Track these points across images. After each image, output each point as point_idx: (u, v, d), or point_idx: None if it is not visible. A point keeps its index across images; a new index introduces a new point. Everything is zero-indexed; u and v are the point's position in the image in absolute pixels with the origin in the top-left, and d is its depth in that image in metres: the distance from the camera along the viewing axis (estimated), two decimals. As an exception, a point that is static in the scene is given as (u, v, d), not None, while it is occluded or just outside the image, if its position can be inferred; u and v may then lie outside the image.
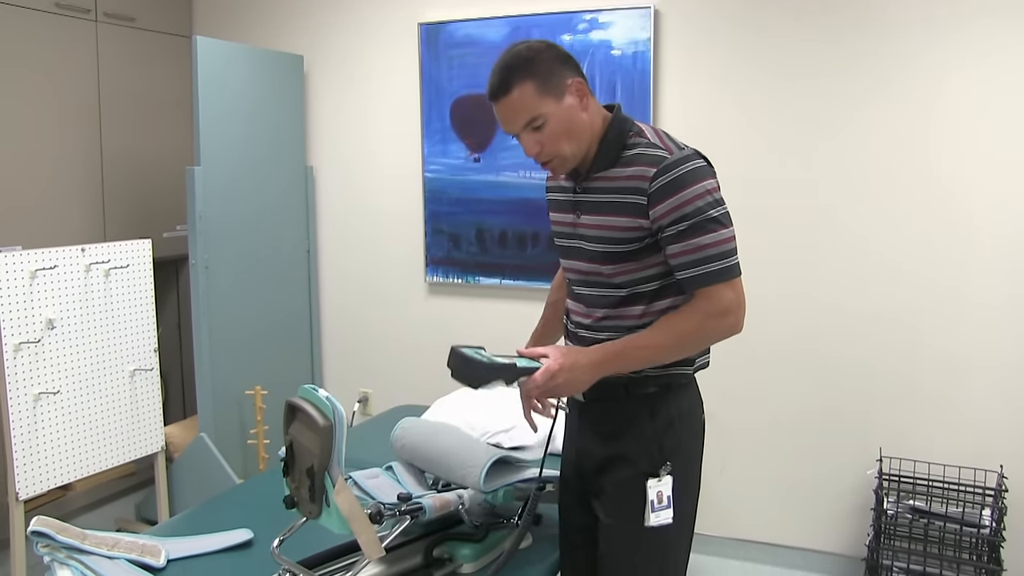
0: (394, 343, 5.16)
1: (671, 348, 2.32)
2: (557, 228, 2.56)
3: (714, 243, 2.25)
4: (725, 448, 4.41)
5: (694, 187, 2.24)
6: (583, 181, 2.42)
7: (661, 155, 2.27)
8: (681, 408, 2.45)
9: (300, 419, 2.27)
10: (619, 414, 2.44)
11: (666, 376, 2.42)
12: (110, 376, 4.13)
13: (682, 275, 2.29)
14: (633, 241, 2.32)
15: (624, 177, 2.31)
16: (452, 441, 2.92)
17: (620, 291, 2.39)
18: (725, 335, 2.33)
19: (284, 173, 5.07)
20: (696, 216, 2.23)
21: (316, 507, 2.22)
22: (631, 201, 2.29)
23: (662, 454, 2.40)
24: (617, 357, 2.32)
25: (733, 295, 2.27)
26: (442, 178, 4.88)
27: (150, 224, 5.00)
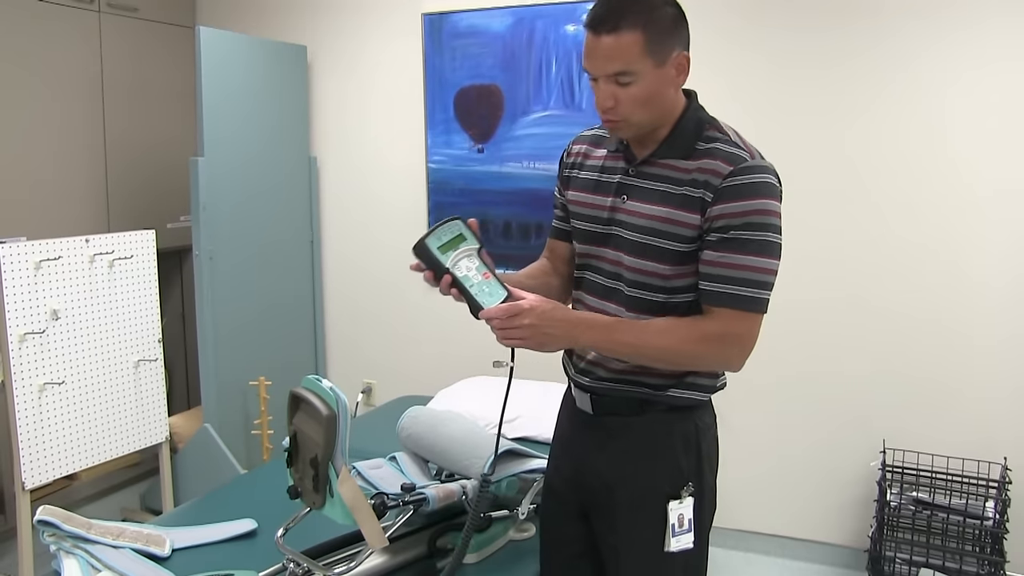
0: (398, 334, 5.18)
1: (659, 355, 2.14)
2: (581, 210, 2.34)
3: (757, 268, 2.07)
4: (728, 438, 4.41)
5: (764, 201, 2.06)
6: (640, 164, 2.22)
7: (742, 155, 2.09)
8: (700, 426, 2.29)
9: (304, 409, 2.27)
10: (635, 431, 2.28)
11: (688, 397, 2.25)
12: (114, 366, 4.15)
13: (706, 286, 2.11)
14: (690, 240, 2.12)
15: (694, 169, 2.11)
16: (456, 431, 2.93)
17: (671, 297, 2.19)
18: (719, 365, 2.22)
19: (287, 164, 5.08)
20: (752, 231, 2.05)
21: (320, 497, 2.22)
22: (696, 196, 2.09)
23: (683, 475, 2.26)
24: (599, 331, 2.13)
25: (747, 328, 2.10)
26: (446, 169, 4.89)
27: (154, 215, 5.01)
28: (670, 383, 2.24)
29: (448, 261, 2.10)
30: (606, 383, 2.30)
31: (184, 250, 5.31)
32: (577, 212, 2.36)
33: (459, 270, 2.10)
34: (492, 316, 2.05)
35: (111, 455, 4.16)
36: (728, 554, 4.44)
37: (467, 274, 2.10)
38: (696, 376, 2.26)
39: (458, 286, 2.09)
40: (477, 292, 2.09)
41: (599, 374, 2.31)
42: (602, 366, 2.30)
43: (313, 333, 5.34)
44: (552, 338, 2.07)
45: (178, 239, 5.12)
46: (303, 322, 5.27)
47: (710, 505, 2.34)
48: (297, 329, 5.23)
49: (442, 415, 3.11)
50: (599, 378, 2.31)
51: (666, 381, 2.24)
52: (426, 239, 2.10)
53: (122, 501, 4.90)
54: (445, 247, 2.11)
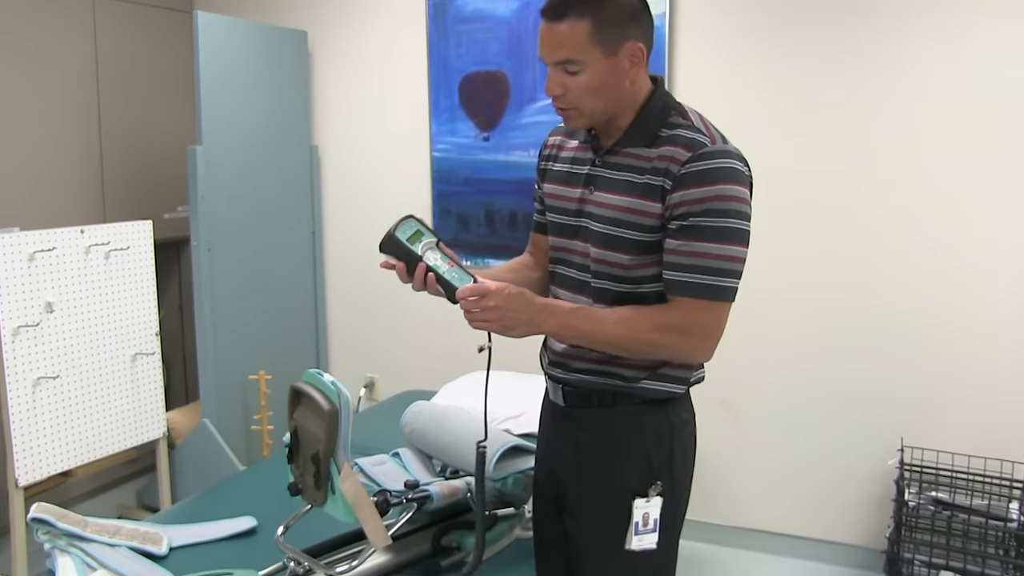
0: (401, 327, 5.17)
1: (618, 343, 2.15)
2: (553, 203, 2.36)
3: (720, 255, 2.05)
4: (741, 434, 4.41)
5: (726, 186, 2.04)
6: (605, 154, 2.23)
7: (702, 140, 2.08)
8: (673, 421, 2.27)
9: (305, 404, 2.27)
10: (604, 424, 2.28)
11: (661, 389, 2.24)
12: (111, 360, 4.15)
13: (668, 275, 2.11)
14: (654, 230, 2.12)
15: (656, 157, 2.11)
16: (461, 427, 2.92)
17: (636, 287, 2.19)
18: (683, 356, 2.20)
19: (288, 152, 5.08)
20: (714, 218, 2.04)
21: (321, 494, 2.21)
22: (657, 184, 2.09)
23: (652, 472, 2.24)
24: (560, 317, 2.14)
25: (710, 318, 2.10)
26: (450, 157, 4.89)
27: (151, 205, 5.01)
28: (643, 375, 2.24)
29: (419, 251, 2.15)
30: (578, 374, 2.31)
31: (182, 241, 5.31)
32: (551, 205, 2.38)
33: (430, 259, 2.15)
34: (464, 295, 2.08)
35: (107, 451, 4.16)
36: (738, 554, 4.43)
37: (437, 263, 2.15)
38: (670, 367, 2.25)
39: (433, 274, 2.14)
40: (450, 278, 2.14)
41: (572, 365, 2.32)
42: (574, 357, 2.31)
43: (314, 326, 5.34)
44: (518, 322, 2.10)
45: (176, 230, 5.12)
46: (304, 315, 5.27)
47: (681, 505, 2.35)
48: (298, 322, 5.23)
49: (446, 410, 3.11)
50: (571, 369, 2.32)
51: (639, 373, 2.24)
52: (396, 232, 2.15)
53: (118, 498, 4.91)
54: (411, 240, 2.16)
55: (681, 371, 2.26)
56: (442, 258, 2.16)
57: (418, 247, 2.15)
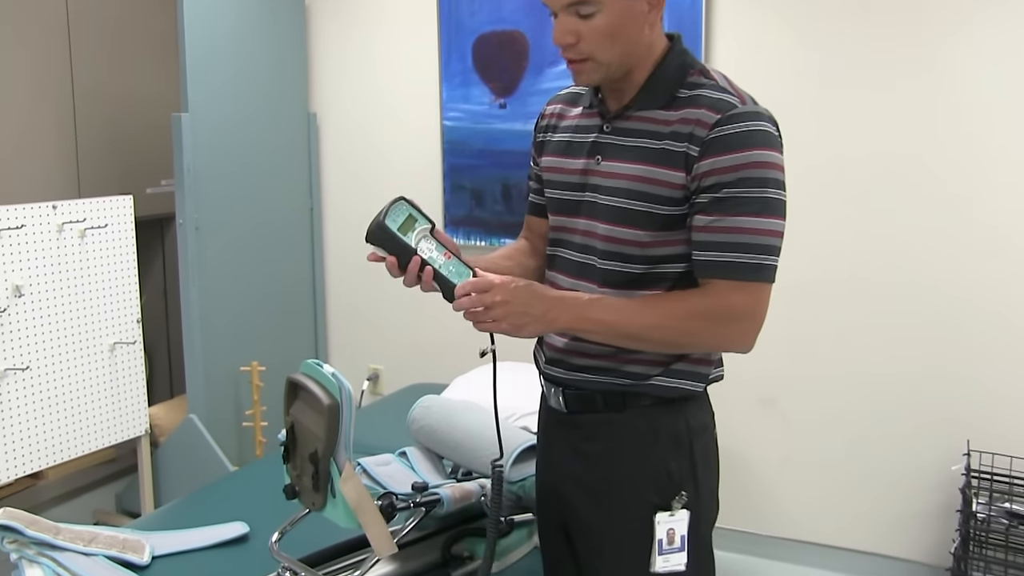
0: (408, 314, 5.17)
1: (645, 334, 2.09)
2: (552, 177, 2.32)
3: (759, 230, 2.01)
4: (787, 438, 4.40)
5: (762, 152, 2.00)
6: (615, 119, 2.19)
7: (730, 101, 2.04)
8: (692, 424, 2.22)
9: (302, 398, 2.27)
10: (614, 429, 2.23)
11: (675, 387, 2.19)
12: (87, 350, 4.16)
13: (700, 256, 2.07)
14: (676, 203, 2.07)
15: (676, 120, 2.06)
16: (474, 424, 2.93)
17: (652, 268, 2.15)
18: (720, 346, 2.16)
19: (284, 121, 5.08)
20: (750, 188, 1.99)
21: (320, 497, 2.23)
22: (679, 150, 2.04)
23: (672, 481, 2.19)
24: (577, 309, 2.09)
25: (752, 301, 2.05)
26: (463, 127, 4.88)
27: (131, 178, 5.01)
28: (655, 371, 2.18)
29: (412, 242, 2.09)
30: (579, 374, 2.25)
31: (166, 218, 5.31)
32: (550, 179, 2.34)
33: (424, 252, 2.09)
34: (463, 292, 2.02)
35: (82, 450, 4.17)
36: (785, 568, 4.42)
37: (431, 255, 2.09)
38: (685, 362, 2.20)
39: (428, 267, 2.08)
40: (447, 272, 2.08)
41: (572, 363, 2.26)
42: (574, 354, 2.25)
43: (313, 312, 5.35)
44: (529, 319, 2.04)
45: (159, 206, 5.12)
46: (301, 300, 5.28)
47: (709, 518, 2.29)
48: (295, 308, 5.24)
49: (458, 405, 3.11)
50: (571, 368, 2.27)
51: (649, 369, 2.18)
52: (385, 220, 2.09)
53: (95, 503, 4.93)
54: (402, 229, 2.10)
55: (698, 366, 2.22)
56: (437, 248, 2.10)
57: (411, 237, 2.09)
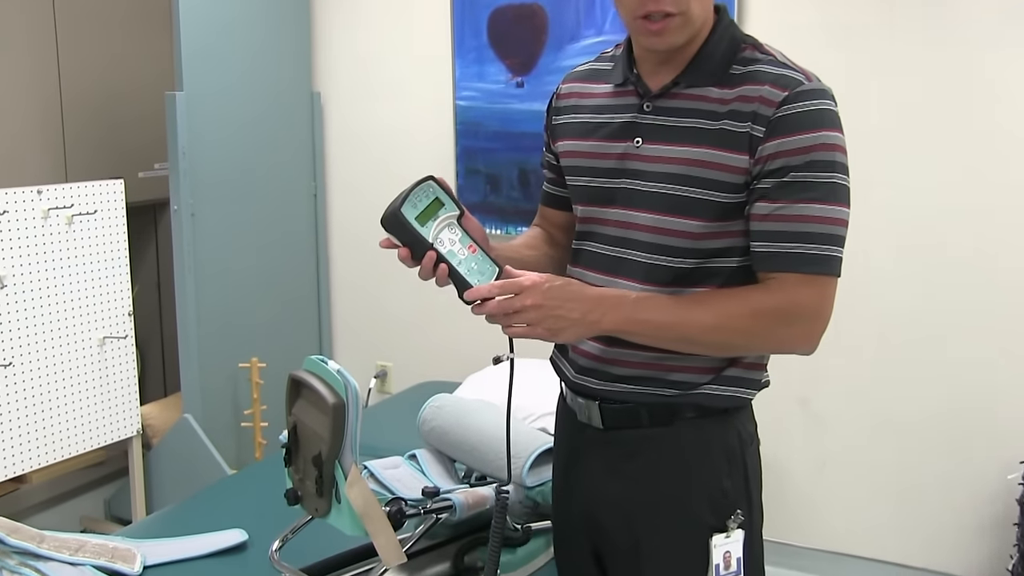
0: (419, 307, 5.17)
1: (703, 336, 2.04)
2: (579, 163, 2.26)
3: (827, 219, 1.98)
4: (824, 442, 4.39)
5: (830, 133, 1.99)
6: (657, 96, 2.13)
7: (795, 77, 2.01)
8: (744, 436, 2.20)
9: (306, 397, 2.28)
10: (660, 445, 2.18)
11: (727, 396, 2.15)
12: (74, 345, 4.17)
13: (761, 248, 2.02)
14: (736, 189, 2.03)
15: (734, 98, 2.02)
16: (489, 425, 2.93)
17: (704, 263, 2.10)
18: (786, 348, 2.10)
19: (286, 100, 5.09)
20: (819, 172, 1.97)
21: (324, 503, 2.23)
22: (741, 130, 2.01)
23: (727, 500, 2.16)
24: (625, 310, 2.02)
25: (818, 297, 2.01)
26: (478, 107, 4.88)
27: (122, 161, 5.01)
28: (704, 379, 2.13)
29: (429, 234, 2.03)
30: (619, 385, 2.18)
31: (160, 204, 5.32)
32: (573, 166, 2.29)
33: (442, 244, 2.03)
34: (482, 295, 1.96)
35: (69, 452, 4.18)
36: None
37: (451, 248, 2.04)
38: (737, 367, 2.15)
39: (444, 264, 2.02)
40: (465, 271, 2.02)
41: (610, 373, 2.19)
42: (613, 362, 2.18)
43: (316, 305, 5.36)
44: (567, 322, 1.97)
45: (152, 191, 5.13)
46: (304, 292, 5.29)
47: (760, 535, 2.27)
48: (297, 300, 5.25)
49: (472, 405, 3.12)
50: (610, 379, 2.19)
51: (698, 377, 2.13)
52: (401, 208, 2.04)
53: (83, 508, 4.94)
54: (423, 216, 2.05)
55: (751, 372, 2.18)
56: (462, 240, 2.05)
57: (431, 226, 2.04)
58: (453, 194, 2.10)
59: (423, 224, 2.03)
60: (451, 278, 2.02)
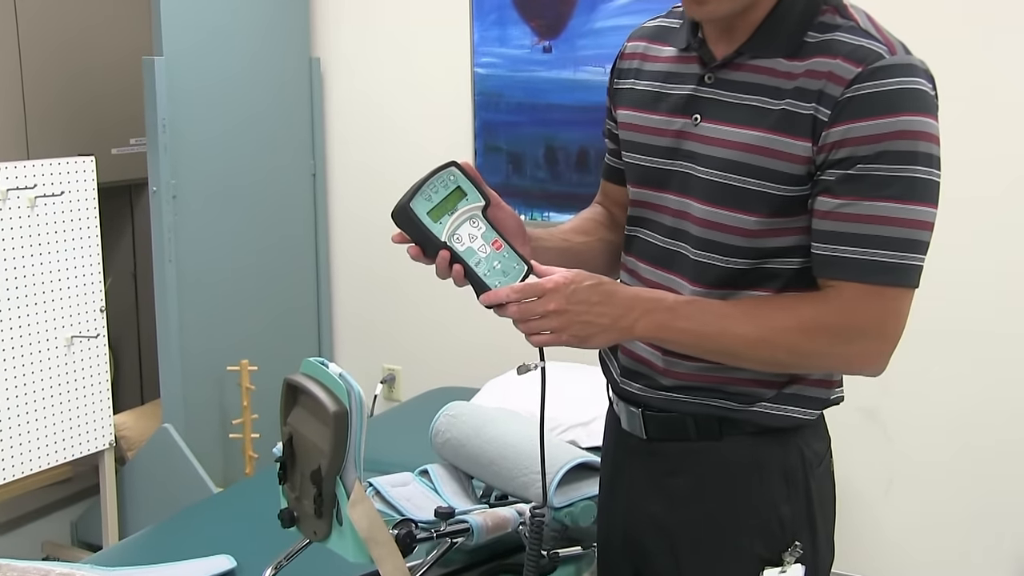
0: (432, 304, 5.18)
1: (746, 352, 2.02)
2: (635, 137, 2.24)
3: (902, 220, 1.89)
4: (892, 457, 4.39)
5: (913, 118, 1.88)
6: (721, 67, 2.08)
7: (876, 49, 1.91)
8: (807, 456, 2.16)
9: (303, 404, 2.28)
10: (707, 463, 2.18)
11: (785, 416, 2.13)
12: (38, 346, 4.18)
13: (822, 250, 1.97)
14: (797, 181, 1.98)
15: (802, 73, 1.96)
16: (512, 436, 2.93)
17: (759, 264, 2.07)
18: (845, 368, 2.12)
19: (280, 67, 5.10)
20: (894, 165, 1.88)
21: (324, 525, 2.23)
22: (804, 112, 1.94)
23: (785, 529, 2.14)
24: (661, 315, 2.00)
25: (885, 312, 1.96)
26: (499, 75, 4.89)
27: (93, 136, 5.01)
28: (766, 394, 2.12)
29: (444, 231, 2.02)
30: (666, 393, 2.19)
31: (137, 185, 5.34)
32: (629, 140, 2.27)
33: (459, 241, 2.02)
34: (498, 300, 1.95)
35: (31, 468, 4.20)
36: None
37: (471, 245, 2.02)
38: (802, 384, 2.13)
39: (460, 264, 2.01)
40: (486, 271, 2.01)
41: (656, 380, 2.20)
42: (664, 370, 2.17)
43: (315, 300, 5.38)
44: (596, 328, 1.96)
45: (128, 170, 5.14)
46: (302, 285, 5.31)
47: (826, 571, 2.25)
48: (293, 294, 5.27)
49: (493, 414, 3.13)
50: (656, 386, 2.20)
51: (759, 391, 2.12)
52: (411, 202, 2.01)
53: (46, 532, 4.96)
54: (438, 210, 2.03)
55: (817, 389, 2.15)
56: (485, 235, 2.03)
57: (445, 222, 2.02)
58: (480, 181, 2.07)
59: (437, 219, 2.02)
60: (468, 280, 2.01)
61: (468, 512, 2.65)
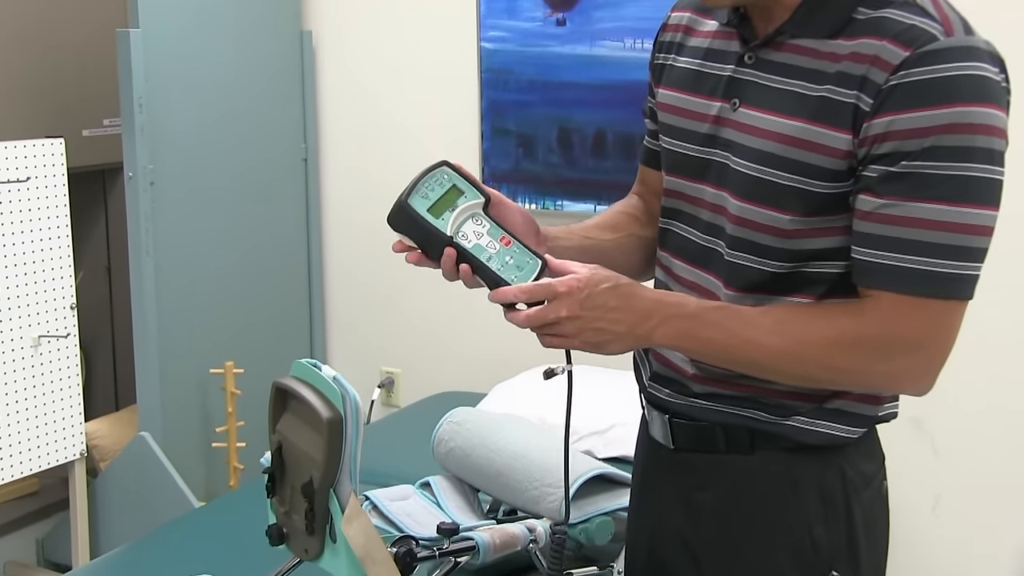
0: (434, 302, 5.18)
1: (773, 366, 1.99)
2: (673, 120, 2.20)
3: (949, 224, 1.81)
4: (940, 473, 4.39)
5: (970, 108, 1.80)
6: (762, 46, 2.02)
7: (929, 29, 1.82)
8: (849, 476, 2.12)
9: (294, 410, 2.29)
10: (736, 478, 2.15)
11: (824, 432, 2.09)
12: (2, 346, 4.18)
13: (862, 256, 1.91)
14: (838, 177, 1.92)
15: (847, 55, 1.89)
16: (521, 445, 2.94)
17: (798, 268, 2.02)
18: (886, 386, 2.07)
19: (268, 41, 5.11)
20: (945, 162, 1.80)
21: (316, 543, 2.24)
22: (846, 100, 1.88)
23: (819, 553, 2.11)
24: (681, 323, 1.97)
25: (931, 326, 1.90)
26: (508, 50, 4.89)
27: (62, 116, 5.01)
28: (803, 407, 2.08)
29: (448, 227, 2.03)
30: (696, 400, 2.17)
31: (111, 170, 5.33)
32: (667, 124, 2.24)
33: (465, 238, 2.03)
34: (506, 299, 1.95)
35: (-4, 480, 4.22)
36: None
37: (478, 242, 2.03)
38: (845, 398, 2.08)
39: (468, 261, 2.01)
40: (499, 266, 2.01)
41: (686, 386, 2.18)
42: (696, 376, 2.15)
43: (307, 297, 5.39)
44: (610, 335, 1.95)
45: (101, 153, 5.15)
46: (292, 280, 5.32)
47: None
48: (283, 290, 5.28)
49: (500, 421, 3.14)
50: (685, 392, 2.18)
51: (797, 404, 2.08)
52: (408, 199, 2.03)
53: (9, 551, 4.97)
54: (437, 207, 2.04)
55: (863, 405, 2.10)
56: (491, 232, 2.04)
57: (448, 218, 2.03)
58: (475, 180, 2.09)
59: (438, 216, 2.03)
60: (480, 276, 2.01)
61: (474, 528, 2.66)
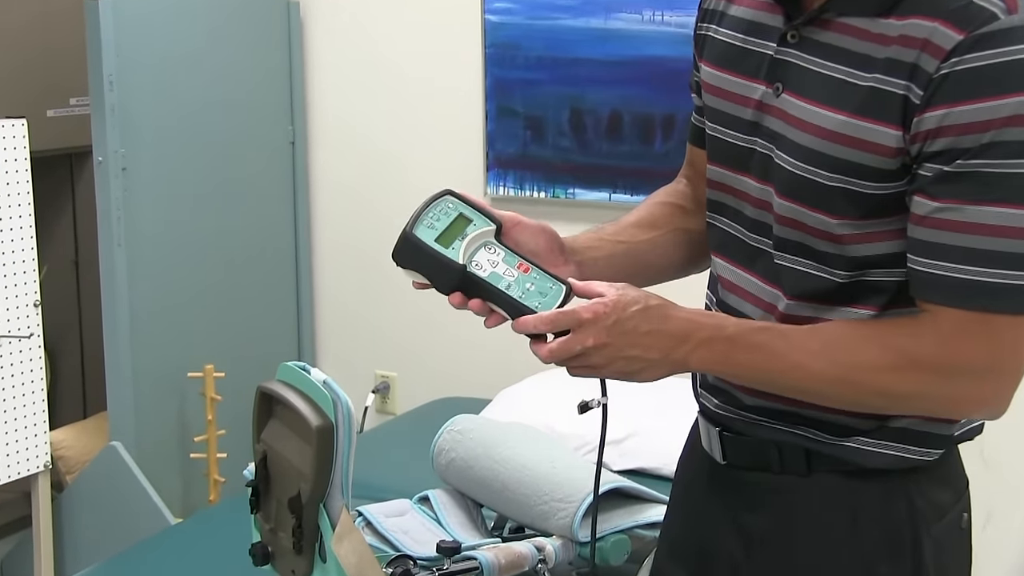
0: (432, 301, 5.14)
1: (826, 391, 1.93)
2: (715, 103, 2.13)
3: (1018, 231, 1.73)
4: (991, 487, 4.38)
5: None
6: (807, 24, 1.93)
7: (989, 9, 1.71)
8: (920, 507, 2.02)
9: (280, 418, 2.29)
10: (791, 501, 2.09)
11: (890, 452, 2.00)
12: (-37, 346, 4.21)
13: (919, 265, 1.81)
14: (890, 176, 1.84)
15: (896, 38, 1.79)
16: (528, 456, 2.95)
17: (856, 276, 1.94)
18: (950, 410, 1.97)
19: (251, 12, 5.12)
20: (1008, 160, 1.71)
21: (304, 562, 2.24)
22: (895, 90, 1.79)
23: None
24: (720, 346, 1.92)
25: (992, 345, 1.81)
26: (515, 23, 4.89)
27: (24, 95, 5.01)
28: (861, 426, 2.00)
29: (460, 256, 2.01)
30: (748, 415, 2.11)
31: (79, 154, 5.34)
32: (711, 107, 2.16)
33: (480, 268, 2.01)
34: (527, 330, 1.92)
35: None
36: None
37: (495, 271, 2.01)
38: (913, 418, 1.98)
39: (485, 291, 2.00)
40: (521, 294, 1.98)
41: (737, 398, 2.12)
42: (746, 390, 2.09)
43: (295, 294, 5.40)
44: (644, 363, 1.90)
45: (68, 136, 5.15)
46: (278, 275, 5.33)
47: None
48: (268, 287, 5.29)
49: (505, 430, 3.14)
50: (737, 405, 2.13)
51: (854, 422, 2.00)
52: (413, 230, 2.01)
53: (-32, 572, 4.99)
54: (445, 238, 2.02)
55: (936, 424, 2.00)
56: (506, 259, 2.02)
57: (459, 248, 2.01)
58: (483, 206, 2.07)
59: (447, 246, 2.01)
60: (500, 307, 1.99)
61: (477, 547, 2.66)
